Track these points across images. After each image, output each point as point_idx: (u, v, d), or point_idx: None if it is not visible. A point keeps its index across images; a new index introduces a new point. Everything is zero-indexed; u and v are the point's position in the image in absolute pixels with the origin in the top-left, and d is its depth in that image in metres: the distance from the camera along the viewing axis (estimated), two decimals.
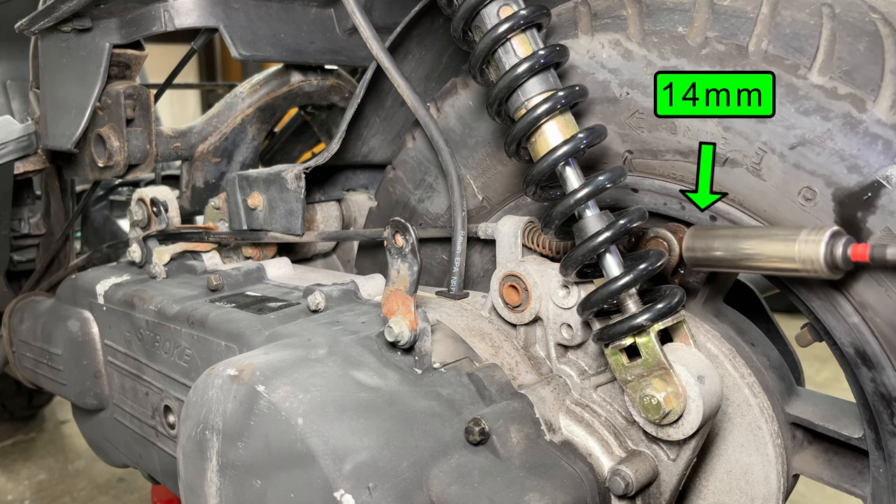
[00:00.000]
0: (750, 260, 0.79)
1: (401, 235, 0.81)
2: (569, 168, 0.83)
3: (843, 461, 0.95)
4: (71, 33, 1.36)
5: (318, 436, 0.73)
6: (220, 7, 1.31)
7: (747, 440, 0.93)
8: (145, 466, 1.28)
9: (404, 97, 1.08)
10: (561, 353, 0.91)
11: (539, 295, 0.89)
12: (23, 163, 1.58)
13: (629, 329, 0.77)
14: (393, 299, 0.83)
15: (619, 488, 0.79)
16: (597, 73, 0.92)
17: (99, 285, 1.33)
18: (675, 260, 0.89)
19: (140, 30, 1.32)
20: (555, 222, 0.83)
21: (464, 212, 1.07)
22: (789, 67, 0.78)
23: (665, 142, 0.88)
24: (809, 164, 0.78)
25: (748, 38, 0.81)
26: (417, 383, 0.82)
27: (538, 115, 0.82)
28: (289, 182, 1.20)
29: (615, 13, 0.91)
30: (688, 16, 0.85)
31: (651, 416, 0.77)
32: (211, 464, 0.81)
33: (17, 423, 3.10)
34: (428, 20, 1.13)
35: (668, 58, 0.86)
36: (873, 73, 0.75)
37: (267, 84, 1.64)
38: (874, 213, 0.74)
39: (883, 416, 0.81)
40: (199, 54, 2.24)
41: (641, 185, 0.93)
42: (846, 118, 0.75)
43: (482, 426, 0.76)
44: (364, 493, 0.70)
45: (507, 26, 0.83)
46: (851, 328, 0.79)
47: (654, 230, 0.90)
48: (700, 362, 0.79)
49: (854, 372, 0.82)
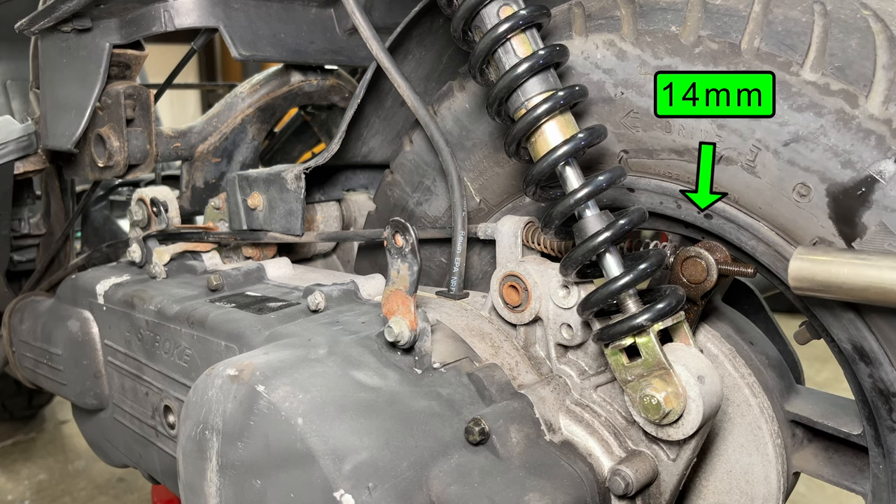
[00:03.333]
0: (885, 293, 0.68)
1: (401, 235, 0.81)
2: (569, 168, 0.83)
3: (842, 458, 0.96)
4: (71, 33, 1.36)
5: (317, 436, 0.73)
6: (220, 7, 1.31)
7: (747, 440, 0.93)
8: (145, 466, 1.28)
9: (404, 97, 1.08)
10: (561, 353, 0.91)
11: (539, 295, 0.89)
12: (23, 163, 1.58)
13: (629, 329, 0.77)
14: (393, 299, 0.83)
15: (619, 488, 0.79)
16: (592, 73, 0.92)
17: (99, 285, 1.33)
18: (710, 284, 0.85)
19: (140, 30, 1.32)
20: (555, 222, 0.83)
21: (464, 212, 1.07)
22: (782, 65, 0.79)
23: (660, 141, 0.88)
24: (803, 161, 0.78)
25: (741, 36, 0.81)
26: (417, 383, 0.82)
27: (538, 115, 0.82)
28: (289, 182, 1.20)
29: (609, 14, 0.91)
30: (681, 15, 0.85)
31: (651, 416, 0.77)
32: (211, 464, 0.81)
33: (17, 423, 3.10)
34: (428, 20, 1.13)
35: (661, 57, 0.86)
36: (865, 68, 0.75)
37: (267, 84, 1.64)
38: (868, 208, 0.74)
39: (881, 412, 0.81)
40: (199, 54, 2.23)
41: (637, 185, 0.93)
42: (839, 114, 0.76)
43: (482, 426, 0.76)
44: (364, 493, 0.70)
45: (507, 26, 0.83)
46: (849, 324, 0.79)
47: (692, 249, 0.88)
48: (700, 362, 0.79)
49: (852, 368, 0.82)
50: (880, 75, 0.74)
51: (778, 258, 0.83)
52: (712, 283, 0.86)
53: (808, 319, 0.87)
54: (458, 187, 1.08)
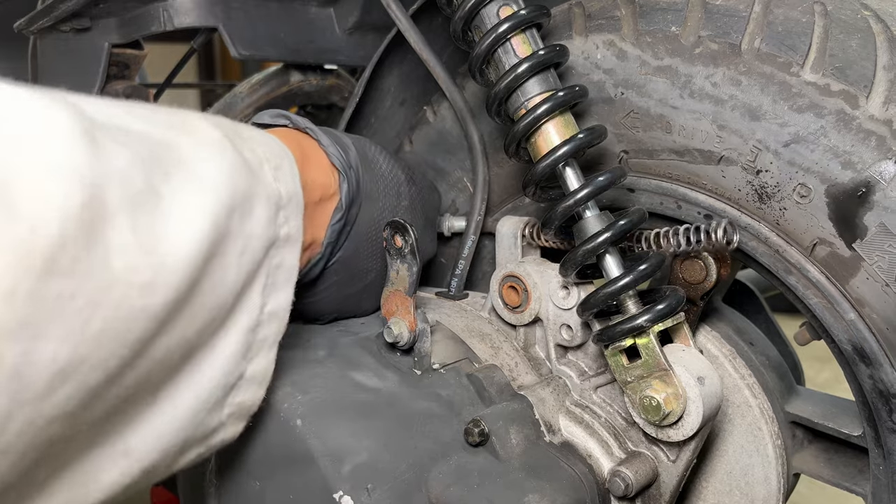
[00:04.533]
0: None
1: (400, 236, 0.81)
2: (569, 168, 0.83)
3: (843, 459, 0.96)
4: (70, 33, 1.36)
5: (316, 437, 0.73)
6: (220, 6, 1.31)
7: (747, 441, 0.93)
8: None
9: (434, 74, 1.08)
10: (561, 354, 0.91)
11: (539, 296, 0.89)
12: None
13: (629, 330, 0.77)
14: (392, 300, 0.83)
15: (618, 489, 0.79)
16: (592, 73, 0.92)
17: None
18: (710, 284, 0.86)
19: (139, 29, 1.32)
20: (555, 223, 0.83)
21: (480, 216, 1.07)
22: (782, 65, 0.79)
23: (660, 141, 0.88)
24: (804, 162, 0.78)
25: (741, 37, 0.81)
26: (417, 384, 0.82)
27: (538, 115, 0.82)
28: None
29: (609, 14, 0.91)
30: (681, 15, 0.85)
31: (651, 418, 0.77)
32: (209, 465, 0.81)
33: None
34: (427, 20, 1.12)
35: (661, 57, 0.86)
36: (866, 69, 0.75)
37: (266, 84, 1.64)
38: (869, 209, 0.74)
39: (882, 413, 0.81)
40: (199, 54, 2.23)
41: (638, 185, 0.93)
42: (839, 115, 0.75)
43: (482, 427, 0.76)
44: (363, 495, 0.70)
45: (507, 26, 0.83)
46: (849, 325, 0.79)
47: (692, 250, 0.88)
48: (700, 363, 0.79)
49: (852, 369, 0.82)
50: (881, 76, 0.74)
51: (778, 259, 0.83)
52: (711, 284, 0.86)
53: (809, 320, 0.87)
54: (481, 190, 1.07)
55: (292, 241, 0.68)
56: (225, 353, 0.62)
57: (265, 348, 0.68)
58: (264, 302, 0.66)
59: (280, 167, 0.68)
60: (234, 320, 0.62)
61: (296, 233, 0.69)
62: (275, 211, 0.65)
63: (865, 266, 0.76)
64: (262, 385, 0.70)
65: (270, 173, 0.66)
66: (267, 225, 0.63)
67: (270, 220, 0.64)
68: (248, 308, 0.64)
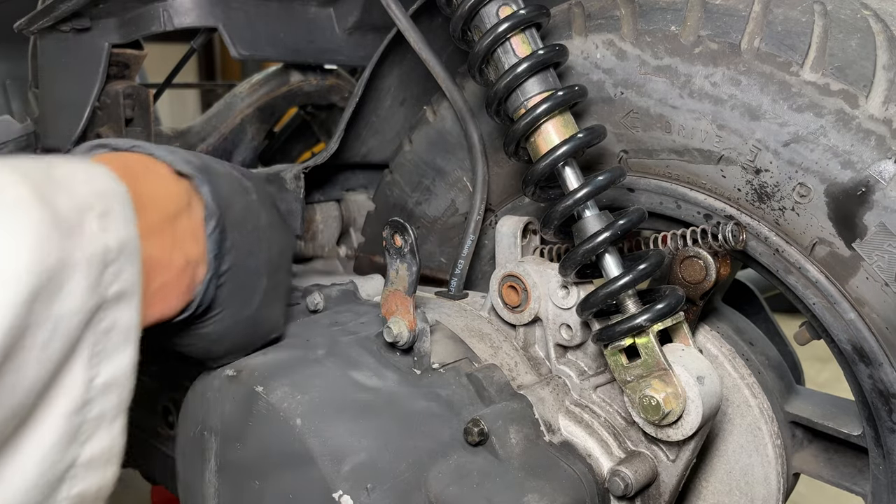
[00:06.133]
0: None
1: (399, 236, 0.81)
2: (568, 168, 0.83)
3: (842, 459, 0.96)
4: (70, 33, 1.36)
5: (316, 436, 0.73)
6: (220, 6, 1.31)
7: (747, 441, 0.93)
8: (144, 467, 1.28)
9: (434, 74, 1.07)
10: (560, 354, 0.91)
11: (538, 295, 0.89)
12: None
13: (628, 329, 0.77)
14: (392, 300, 0.83)
15: (618, 489, 0.79)
16: (591, 73, 0.92)
17: None
18: (709, 284, 0.85)
19: (139, 29, 1.32)
20: (554, 222, 0.83)
21: (479, 216, 1.07)
22: (782, 65, 0.79)
23: (660, 141, 0.88)
24: (803, 161, 0.78)
25: (740, 37, 0.81)
26: (416, 384, 0.82)
27: (538, 115, 0.82)
28: (288, 182, 1.19)
29: (608, 13, 0.91)
30: (680, 15, 0.85)
31: (650, 417, 0.77)
32: (209, 464, 0.81)
33: None
34: (427, 20, 1.12)
35: (661, 57, 0.86)
36: (865, 69, 0.75)
37: (266, 84, 1.64)
38: (869, 209, 0.74)
39: (881, 412, 0.81)
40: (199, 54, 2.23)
41: (637, 185, 0.93)
42: (839, 114, 0.75)
43: (481, 427, 0.76)
44: (362, 494, 0.70)
45: (507, 26, 0.83)
46: (849, 325, 0.80)
47: (690, 249, 0.88)
48: (700, 363, 0.79)
49: (852, 369, 0.82)
50: (880, 75, 0.74)
51: (777, 258, 0.83)
52: (711, 284, 0.86)
53: (808, 320, 0.87)
54: (481, 190, 1.07)
55: (128, 297, 0.60)
56: (41, 448, 0.55)
57: (104, 424, 0.60)
58: (92, 375, 0.58)
59: (108, 211, 0.59)
60: (47, 409, 0.55)
61: (131, 286, 0.60)
62: (99, 271, 0.57)
63: (865, 266, 0.76)
64: (110, 464, 0.62)
65: (95, 222, 0.57)
66: (87, 294, 0.55)
67: (92, 287, 0.56)
68: (67, 390, 0.56)
